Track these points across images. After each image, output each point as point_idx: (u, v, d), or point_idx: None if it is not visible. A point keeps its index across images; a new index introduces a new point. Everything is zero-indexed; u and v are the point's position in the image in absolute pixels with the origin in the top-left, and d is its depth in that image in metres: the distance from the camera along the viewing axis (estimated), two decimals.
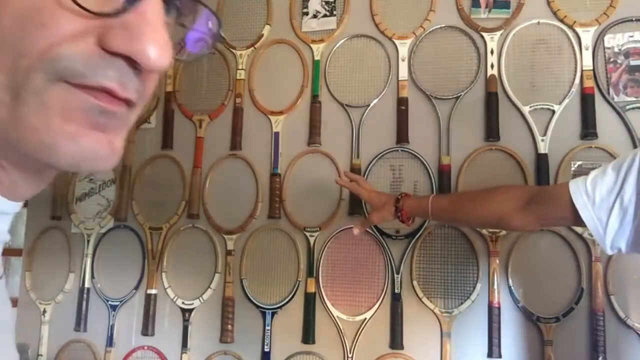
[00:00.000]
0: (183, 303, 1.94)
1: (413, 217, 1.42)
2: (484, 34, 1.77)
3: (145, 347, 1.96)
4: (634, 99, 1.61)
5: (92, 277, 2.06)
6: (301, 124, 1.92)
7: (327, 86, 1.91)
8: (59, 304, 2.08)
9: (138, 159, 2.09)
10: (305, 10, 1.98)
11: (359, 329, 1.74)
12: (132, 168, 2.09)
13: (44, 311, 2.08)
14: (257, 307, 1.85)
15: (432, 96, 1.78)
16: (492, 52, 1.75)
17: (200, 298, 1.92)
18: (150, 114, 2.10)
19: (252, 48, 2.02)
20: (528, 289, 1.64)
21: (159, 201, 2.05)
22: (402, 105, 1.81)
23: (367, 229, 1.77)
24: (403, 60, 1.84)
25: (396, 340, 1.70)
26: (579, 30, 1.69)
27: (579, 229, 1.59)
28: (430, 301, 1.70)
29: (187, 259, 1.98)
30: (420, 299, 1.70)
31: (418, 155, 1.77)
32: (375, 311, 1.74)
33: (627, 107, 1.61)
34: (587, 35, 1.68)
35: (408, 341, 1.70)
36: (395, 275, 1.74)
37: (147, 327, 1.95)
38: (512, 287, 1.63)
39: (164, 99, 2.10)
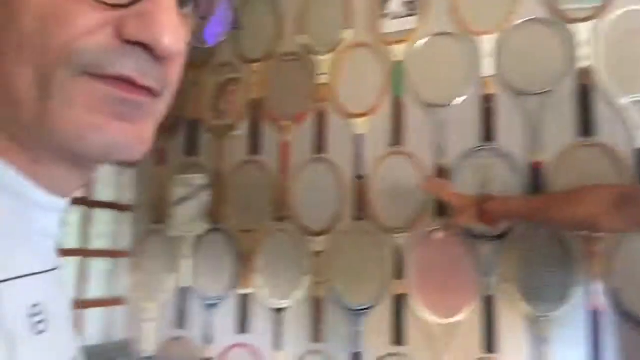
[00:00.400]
0: (275, 303, 2.00)
1: (498, 219, 1.38)
2: (574, 24, 1.68)
3: (241, 345, 2.05)
4: None
5: (191, 277, 2.18)
6: (384, 125, 1.92)
7: (410, 87, 1.90)
8: (161, 303, 2.22)
9: (229, 165, 2.19)
10: (385, 12, 1.98)
11: (450, 331, 1.73)
12: (223, 173, 2.18)
13: (148, 309, 2.23)
14: (347, 308, 1.88)
15: (520, 92, 1.72)
16: (583, 43, 1.66)
17: (291, 298, 1.98)
18: (238, 121, 2.19)
19: (334, 52, 2.05)
20: (633, 291, 1.54)
21: (249, 205, 2.13)
22: (487, 102, 1.76)
23: (456, 230, 1.75)
24: (488, 56, 1.79)
25: (490, 344, 1.67)
26: None
27: None
28: (527, 304, 1.64)
29: (277, 260, 2.05)
30: (515, 302, 1.66)
31: (508, 154, 1.72)
32: (467, 314, 1.71)
33: None
34: None
35: (502, 345, 1.66)
36: (488, 277, 1.70)
37: (242, 326, 2.04)
38: (615, 290, 1.55)
39: (251, 106, 2.18)
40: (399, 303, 1.80)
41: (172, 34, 0.36)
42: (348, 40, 2.03)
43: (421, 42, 1.90)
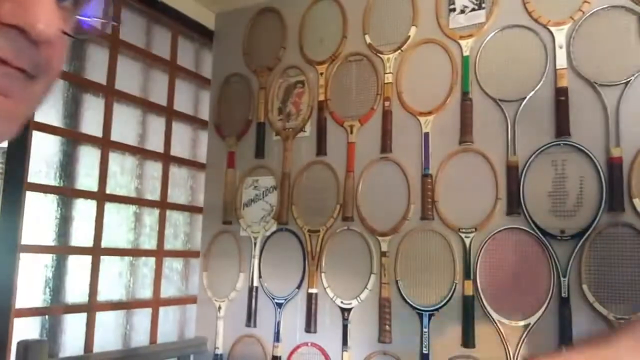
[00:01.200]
0: (342, 302, 2.01)
1: None
2: None
3: (309, 344, 2.06)
4: None
5: (260, 276, 2.23)
6: (452, 122, 1.88)
7: (478, 82, 1.85)
8: (232, 301, 2.28)
9: (296, 166, 2.22)
10: (452, 6, 1.94)
11: (522, 334, 1.66)
12: (290, 175, 2.22)
13: (219, 307, 2.29)
14: (414, 308, 1.85)
15: (596, 83, 1.64)
16: None
17: (358, 298, 1.97)
18: (305, 123, 2.22)
19: (399, 51, 2.03)
20: None
21: (316, 205, 2.15)
22: (561, 95, 1.69)
23: (528, 229, 1.69)
24: (560, 47, 1.72)
25: (564, 348, 1.59)
26: None
27: None
28: (604, 306, 1.56)
29: (344, 260, 2.06)
30: (591, 304, 1.57)
31: (583, 149, 1.64)
32: (540, 316, 1.64)
33: None
34: None
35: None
36: (562, 279, 1.62)
37: (310, 325, 2.06)
38: None
39: (317, 108, 2.20)
40: (468, 304, 1.76)
41: (47, 19, 0.37)
42: (413, 37, 2.01)
43: (490, 36, 1.85)
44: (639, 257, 1.54)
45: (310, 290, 2.08)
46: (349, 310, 1.99)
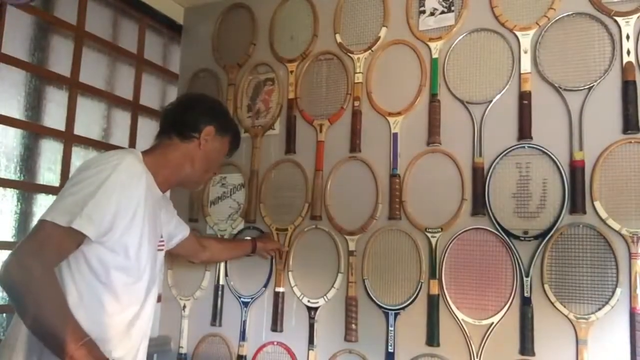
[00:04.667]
0: (309, 301, 2.00)
1: None
2: (617, 18, 1.63)
3: (275, 343, 2.05)
4: None
5: (226, 275, 2.20)
6: (420, 123, 1.90)
7: (446, 84, 1.87)
8: (197, 300, 2.25)
9: (264, 164, 2.21)
10: (422, 8, 1.96)
11: (486, 333, 1.69)
12: (259, 173, 2.20)
13: (184, 306, 2.26)
14: (380, 307, 1.87)
15: (560, 88, 1.68)
16: (627, 37, 1.60)
17: (325, 297, 1.97)
18: (274, 120, 2.21)
19: (370, 51, 2.04)
20: None
21: (284, 204, 2.14)
22: (524, 99, 1.73)
23: (492, 230, 1.72)
24: (525, 52, 1.75)
25: (527, 346, 1.62)
26: None
27: None
28: (564, 306, 1.59)
29: (312, 258, 2.05)
30: (552, 304, 1.61)
31: (547, 152, 1.68)
32: (503, 315, 1.67)
33: None
34: None
35: (540, 347, 1.61)
36: (525, 279, 1.66)
37: (276, 324, 2.05)
38: None
39: (287, 106, 2.19)
40: (433, 303, 1.78)
41: None
42: (384, 38, 2.03)
43: (458, 39, 1.87)
44: (599, 258, 1.58)
45: (277, 289, 2.07)
46: (315, 309, 1.99)
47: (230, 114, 1.78)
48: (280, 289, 2.07)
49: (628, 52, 1.60)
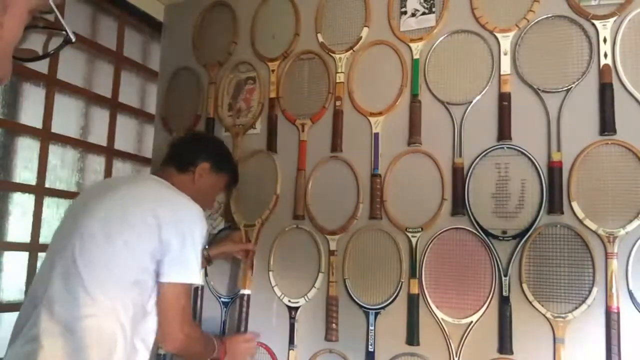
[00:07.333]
0: (289, 301, 2.00)
1: None
2: (595, 21, 1.65)
3: (255, 343, 2.04)
4: None
5: (206, 275, 2.19)
6: (401, 124, 1.91)
7: (427, 85, 1.88)
8: None
9: (246, 163, 2.19)
10: (403, 9, 1.97)
11: (465, 332, 1.70)
12: (240, 172, 2.18)
13: None
14: (361, 307, 1.87)
15: (539, 90, 1.70)
16: (605, 40, 1.63)
17: (306, 297, 1.97)
18: (255, 119, 2.20)
19: (351, 51, 2.05)
20: None
21: (265, 203, 2.13)
22: (504, 100, 1.74)
23: (472, 230, 1.73)
24: (505, 54, 1.77)
25: (505, 345, 1.64)
26: None
27: None
28: (542, 305, 1.62)
29: (292, 258, 2.05)
30: (530, 303, 1.63)
31: (526, 152, 1.70)
32: (482, 314, 1.69)
33: None
34: None
35: (518, 346, 1.63)
36: (503, 278, 1.68)
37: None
38: (633, 291, 1.52)
39: (268, 105, 2.18)
40: (413, 302, 1.79)
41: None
42: (365, 38, 2.03)
43: (439, 40, 1.89)
44: (576, 257, 1.60)
45: (243, 292, 2.05)
46: (296, 309, 1.99)
47: (230, 154, 1.89)
48: (246, 292, 2.04)
49: (605, 55, 1.63)
